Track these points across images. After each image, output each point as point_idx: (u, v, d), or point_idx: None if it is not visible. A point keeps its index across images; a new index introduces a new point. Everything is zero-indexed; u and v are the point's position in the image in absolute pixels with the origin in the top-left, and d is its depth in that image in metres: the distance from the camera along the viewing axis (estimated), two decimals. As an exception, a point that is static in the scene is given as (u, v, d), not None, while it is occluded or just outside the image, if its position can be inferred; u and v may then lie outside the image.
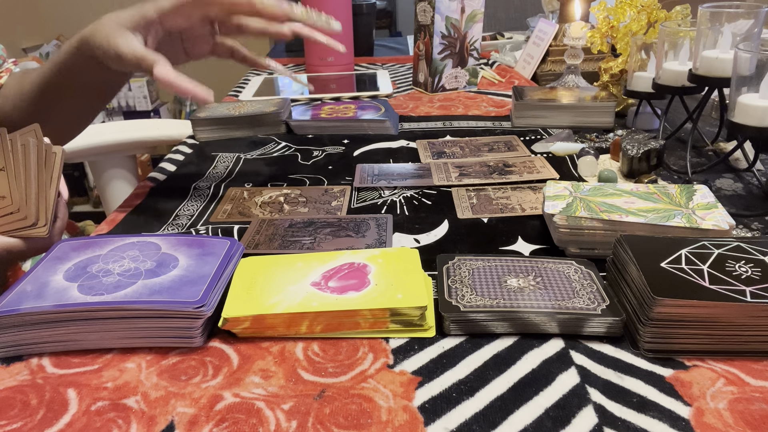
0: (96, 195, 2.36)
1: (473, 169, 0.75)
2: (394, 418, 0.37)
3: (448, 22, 1.08)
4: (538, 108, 0.91)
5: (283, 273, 0.48)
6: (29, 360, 0.43)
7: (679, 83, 0.77)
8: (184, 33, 0.68)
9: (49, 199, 0.51)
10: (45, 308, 0.42)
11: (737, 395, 0.38)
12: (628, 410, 0.37)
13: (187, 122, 1.20)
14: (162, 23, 0.63)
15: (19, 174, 0.51)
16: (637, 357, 0.42)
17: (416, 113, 1.02)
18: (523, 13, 1.94)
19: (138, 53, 0.59)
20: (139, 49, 0.60)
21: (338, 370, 0.41)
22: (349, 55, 1.34)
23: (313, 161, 0.81)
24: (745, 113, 0.60)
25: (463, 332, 0.44)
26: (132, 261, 0.48)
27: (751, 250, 0.45)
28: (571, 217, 0.53)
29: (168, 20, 0.63)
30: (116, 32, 0.60)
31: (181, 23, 0.64)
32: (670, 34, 0.78)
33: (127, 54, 0.59)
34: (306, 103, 1.08)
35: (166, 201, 0.70)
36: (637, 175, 0.70)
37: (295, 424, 0.36)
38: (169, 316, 0.42)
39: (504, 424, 0.36)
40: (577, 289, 0.46)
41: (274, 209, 0.66)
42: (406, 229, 0.61)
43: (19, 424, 0.37)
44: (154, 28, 0.63)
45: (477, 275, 0.48)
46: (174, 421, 0.37)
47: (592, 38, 0.96)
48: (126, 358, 0.43)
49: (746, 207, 0.64)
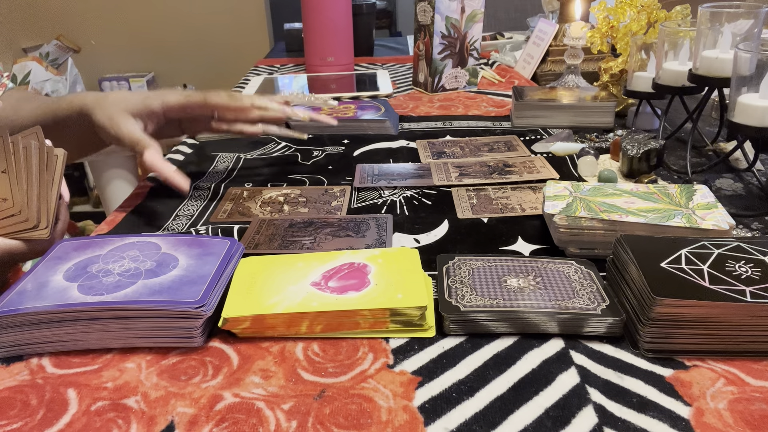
0: (96, 195, 2.36)
1: (473, 169, 0.75)
2: (394, 418, 0.37)
3: (448, 22, 1.08)
4: (538, 108, 0.91)
5: (283, 273, 0.48)
6: (29, 360, 0.43)
7: (679, 83, 0.77)
8: (183, 121, 0.74)
9: (50, 202, 0.52)
10: (45, 308, 0.42)
11: (737, 395, 0.38)
12: (628, 410, 0.37)
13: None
14: (165, 115, 0.69)
15: (20, 176, 0.51)
16: (637, 357, 0.42)
17: (416, 113, 1.02)
18: (523, 13, 1.94)
19: (135, 138, 0.65)
20: (137, 134, 0.65)
21: (338, 370, 0.41)
22: (349, 55, 1.34)
23: (313, 161, 0.81)
24: (745, 113, 0.60)
25: (463, 332, 0.44)
26: (132, 261, 0.48)
27: (751, 250, 0.45)
28: (571, 217, 0.53)
29: (171, 114, 0.70)
30: (120, 117, 0.66)
31: (183, 117, 0.71)
32: (670, 34, 0.78)
33: (125, 138, 0.65)
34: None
35: (166, 201, 0.70)
36: (637, 175, 0.70)
37: (295, 424, 0.36)
38: (169, 316, 0.42)
39: (504, 424, 0.36)
40: (577, 289, 0.46)
41: (274, 209, 0.66)
42: (406, 229, 0.61)
43: (19, 424, 0.37)
44: (156, 118, 0.69)
45: (477, 275, 0.48)
46: (174, 421, 0.37)
47: (592, 38, 0.96)
48: (126, 358, 0.43)
49: (746, 207, 0.64)
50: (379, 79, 1.24)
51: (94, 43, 2.63)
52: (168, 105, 0.68)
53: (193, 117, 0.73)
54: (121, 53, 2.67)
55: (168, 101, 0.68)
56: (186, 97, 0.69)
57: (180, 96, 0.69)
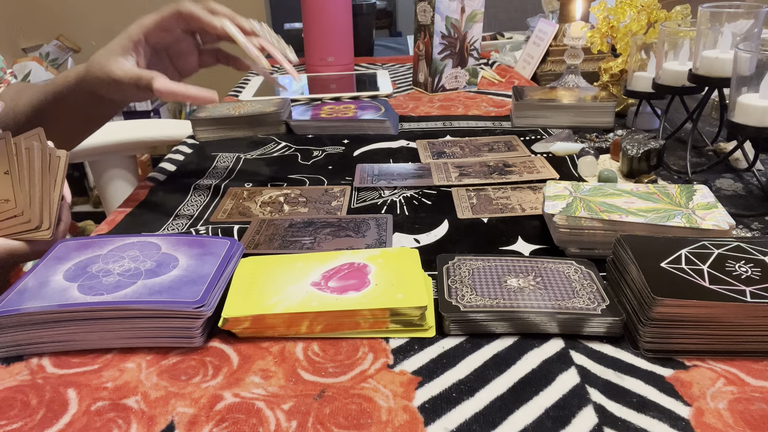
0: (96, 195, 2.36)
1: (473, 169, 0.75)
2: (394, 418, 0.37)
3: (448, 22, 1.08)
4: (538, 108, 0.91)
5: (283, 273, 0.48)
6: (29, 360, 0.43)
7: (679, 83, 0.77)
8: (170, 50, 0.70)
9: (52, 203, 0.52)
10: (45, 308, 0.42)
11: (737, 395, 0.38)
12: (628, 410, 0.37)
13: (187, 122, 1.20)
14: (147, 41, 0.65)
15: (23, 177, 0.51)
16: (637, 357, 0.42)
17: (416, 113, 1.02)
18: (523, 13, 1.94)
19: (133, 74, 0.62)
20: (133, 69, 0.62)
21: (338, 370, 0.41)
22: (349, 55, 1.34)
23: (313, 161, 0.81)
24: (745, 113, 0.60)
25: (463, 332, 0.44)
26: (132, 261, 0.48)
27: (751, 250, 0.45)
28: (571, 217, 0.53)
29: (152, 37, 0.66)
30: (108, 60, 0.63)
31: (165, 38, 0.67)
32: (670, 34, 0.78)
33: (122, 77, 0.62)
34: (306, 103, 1.08)
35: (166, 201, 0.70)
36: (637, 175, 0.70)
37: (295, 424, 0.36)
38: (169, 316, 0.42)
39: (504, 424, 0.36)
40: (577, 289, 0.46)
41: (274, 209, 0.66)
42: (406, 229, 0.61)
43: (19, 424, 0.37)
44: (141, 48, 0.65)
45: (477, 275, 0.48)
46: (174, 421, 0.37)
47: (592, 38, 0.96)
48: (126, 358, 0.43)
49: (746, 207, 0.64)
50: (379, 79, 1.24)
51: (94, 43, 2.63)
52: (146, 27, 0.65)
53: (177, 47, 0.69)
54: (121, 53, 2.66)
55: (144, 24, 0.65)
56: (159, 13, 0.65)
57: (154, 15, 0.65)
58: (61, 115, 0.69)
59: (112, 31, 0.70)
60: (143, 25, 0.64)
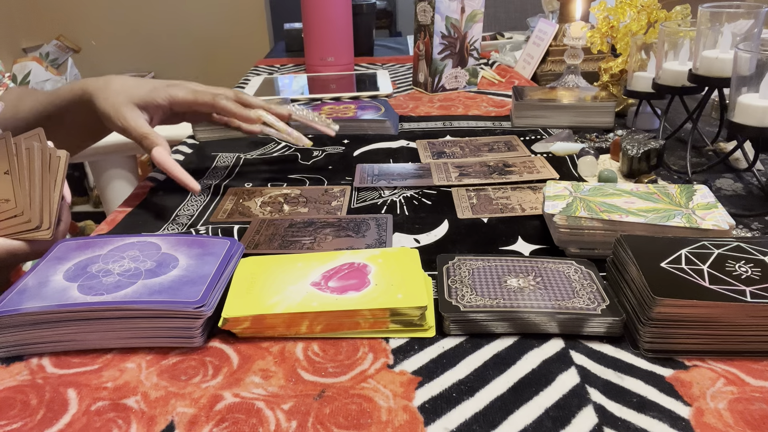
0: (96, 195, 2.36)
1: (473, 169, 0.75)
2: (394, 418, 0.37)
3: (448, 22, 1.08)
4: (538, 108, 0.91)
5: (283, 273, 0.48)
6: (29, 360, 0.43)
7: (679, 83, 0.77)
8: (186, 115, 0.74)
9: (53, 203, 0.52)
10: (45, 308, 0.42)
11: (737, 395, 0.38)
12: (628, 410, 0.37)
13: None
14: (171, 109, 0.69)
15: (23, 177, 0.51)
16: (637, 357, 0.42)
17: (416, 113, 1.02)
18: (523, 13, 1.94)
19: (142, 131, 0.64)
20: (144, 127, 0.64)
21: (338, 370, 0.41)
22: (349, 55, 1.34)
23: (313, 161, 0.81)
24: (745, 113, 0.60)
25: (463, 332, 0.44)
26: (132, 261, 0.48)
27: (751, 250, 0.45)
28: (571, 217, 0.53)
29: (177, 108, 0.69)
30: (125, 106, 0.64)
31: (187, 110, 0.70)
32: (670, 34, 0.78)
33: (132, 130, 0.64)
34: (306, 103, 1.08)
35: (166, 201, 0.70)
36: (637, 175, 0.70)
37: (295, 424, 0.36)
38: (169, 316, 0.42)
39: (504, 424, 0.36)
40: (577, 289, 0.46)
41: (274, 209, 0.66)
42: (406, 229, 0.61)
43: (19, 424, 0.37)
44: (162, 111, 0.68)
45: (477, 275, 0.48)
46: (174, 421, 0.37)
47: (592, 38, 0.96)
48: (126, 358, 0.43)
49: (746, 207, 0.64)
50: (379, 79, 1.24)
51: (94, 43, 2.63)
52: (175, 101, 0.67)
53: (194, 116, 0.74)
54: (121, 53, 2.67)
55: (175, 97, 0.67)
56: (194, 94, 0.68)
57: (188, 93, 0.68)
58: (63, 127, 0.70)
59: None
60: (173, 98, 0.67)
